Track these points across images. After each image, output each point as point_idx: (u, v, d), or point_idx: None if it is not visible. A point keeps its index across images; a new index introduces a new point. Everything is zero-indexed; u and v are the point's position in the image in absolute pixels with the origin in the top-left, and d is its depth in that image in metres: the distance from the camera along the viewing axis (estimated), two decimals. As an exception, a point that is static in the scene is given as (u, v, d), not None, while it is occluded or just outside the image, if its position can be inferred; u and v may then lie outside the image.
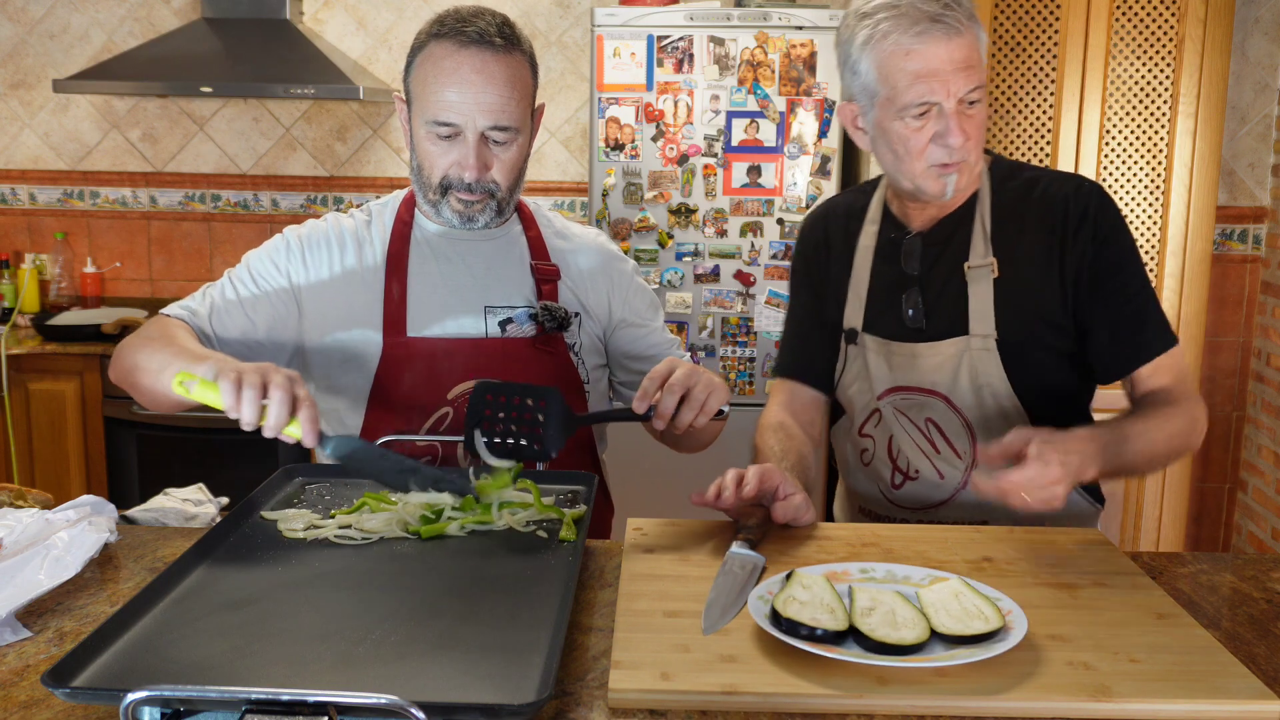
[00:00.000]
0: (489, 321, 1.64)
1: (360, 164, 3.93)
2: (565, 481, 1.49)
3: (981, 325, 1.57)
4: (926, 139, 1.50)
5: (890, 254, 1.66)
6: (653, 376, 1.40)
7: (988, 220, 1.60)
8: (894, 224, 1.67)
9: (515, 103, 1.54)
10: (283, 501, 1.42)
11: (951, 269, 1.60)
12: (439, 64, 1.54)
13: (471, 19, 1.55)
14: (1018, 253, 1.58)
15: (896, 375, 1.63)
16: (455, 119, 1.53)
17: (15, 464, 3.53)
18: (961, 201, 1.61)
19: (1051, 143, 3.31)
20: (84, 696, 0.92)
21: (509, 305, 1.65)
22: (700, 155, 3.36)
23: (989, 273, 1.58)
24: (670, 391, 1.38)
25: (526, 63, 1.58)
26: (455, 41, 1.53)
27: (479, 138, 1.54)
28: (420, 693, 0.91)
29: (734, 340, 3.45)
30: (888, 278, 1.66)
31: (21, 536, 1.23)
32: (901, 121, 1.50)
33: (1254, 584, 1.30)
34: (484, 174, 1.56)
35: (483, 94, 1.52)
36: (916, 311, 1.61)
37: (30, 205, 4.01)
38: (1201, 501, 3.63)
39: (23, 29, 3.92)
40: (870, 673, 1.00)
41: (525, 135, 1.60)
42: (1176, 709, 0.97)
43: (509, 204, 1.63)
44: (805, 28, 3.32)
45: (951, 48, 1.46)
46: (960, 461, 1.62)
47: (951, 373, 1.59)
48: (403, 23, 3.86)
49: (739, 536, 1.31)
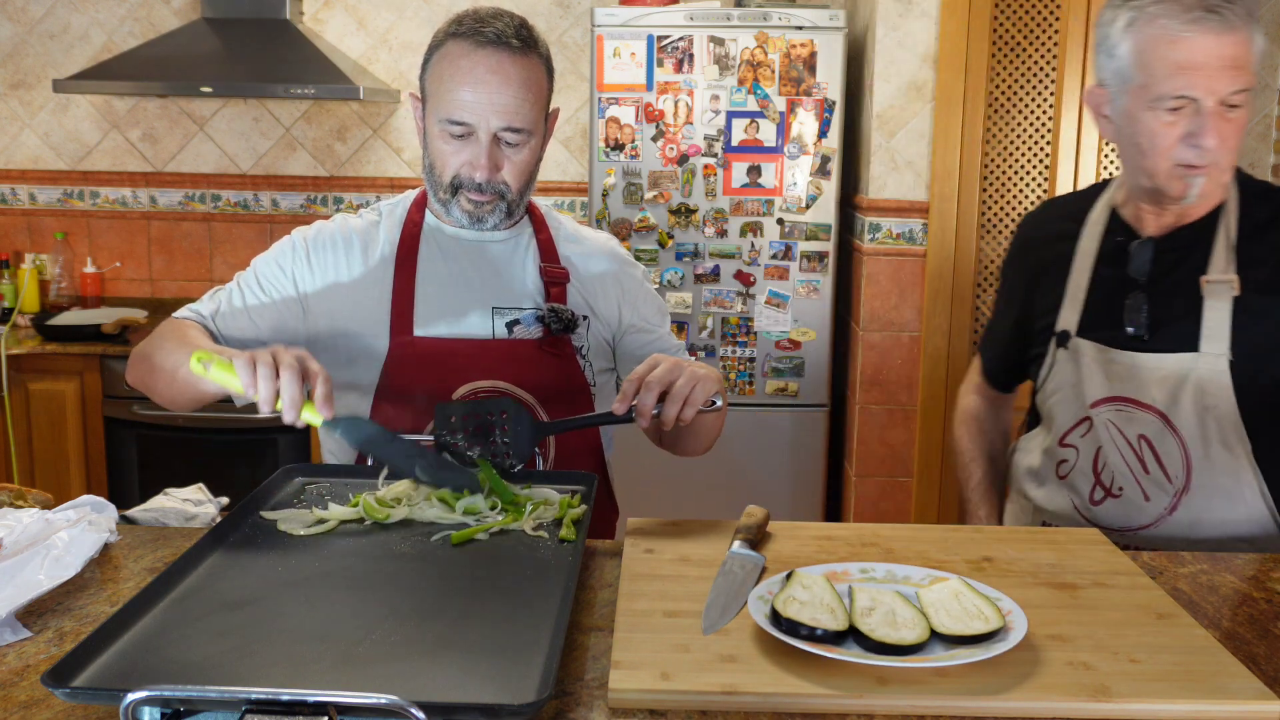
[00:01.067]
0: (496, 322, 1.64)
1: (360, 164, 3.93)
2: (565, 482, 1.49)
3: (1214, 344, 1.48)
4: (1176, 136, 1.43)
5: (1116, 258, 1.58)
6: (632, 377, 1.39)
7: (1233, 233, 1.51)
8: (1123, 228, 1.60)
9: (529, 105, 1.55)
10: (283, 501, 1.42)
11: (1185, 280, 1.51)
12: (455, 63, 1.54)
13: (490, 19, 1.55)
14: (1263, 274, 1.49)
15: (1114, 385, 1.55)
16: (468, 118, 1.53)
17: (15, 464, 3.53)
18: (1204, 211, 1.53)
19: (1051, 143, 3.31)
20: (84, 696, 0.92)
21: (516, 307, 1.65)
22: (700, 155, 3.36)
23: (1230, 289, 1.48)
24: (648, 389, 1.37)
25: (542, 66, 1.59)
26: (472, 41, 1.54)
27: (491, 138, 1.54)
28: (420, 693, 0.91)
29: (734, 340, 3.45)
30: (1110, 283, 1.58)
31: (21, 536, 1.23)
32: (1153, 113, 1.43)
33: (1254, 584, 1.30)
34: (495, 175, 1.57)
35: (497, 95, 1.53)
36: (1139, 320, 1.53)
37: (30, 205, 4.02)
38: (1201, 501, 3.63)
39: (23, 29, 3.92)
40: (870, 673, 1.00)
41: (538, 138, 1.60)
42: (1176, 709, 0.97)
43: (519, 206, 1.64)
44: (805, 28, 3.32)
45: (1223, 43, 1.38)
46: (1170, 486, 1.53)
47: (1173, 389, 1.50)
48: (403, 23, 3.87)
49: (739, 536, 1.32)
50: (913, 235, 3.39)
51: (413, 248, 1.66)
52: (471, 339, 1.63)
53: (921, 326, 3.43)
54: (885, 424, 3.48)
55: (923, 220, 3.38)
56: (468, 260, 1.66)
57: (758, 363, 3.46)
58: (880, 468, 3.51)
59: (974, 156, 3.32)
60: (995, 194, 3.35)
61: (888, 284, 3.43)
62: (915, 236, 3.39)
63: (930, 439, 3.44)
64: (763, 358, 3.45)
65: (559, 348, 1.64)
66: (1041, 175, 3.33)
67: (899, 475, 3.51)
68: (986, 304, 3.40)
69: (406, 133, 3.93)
